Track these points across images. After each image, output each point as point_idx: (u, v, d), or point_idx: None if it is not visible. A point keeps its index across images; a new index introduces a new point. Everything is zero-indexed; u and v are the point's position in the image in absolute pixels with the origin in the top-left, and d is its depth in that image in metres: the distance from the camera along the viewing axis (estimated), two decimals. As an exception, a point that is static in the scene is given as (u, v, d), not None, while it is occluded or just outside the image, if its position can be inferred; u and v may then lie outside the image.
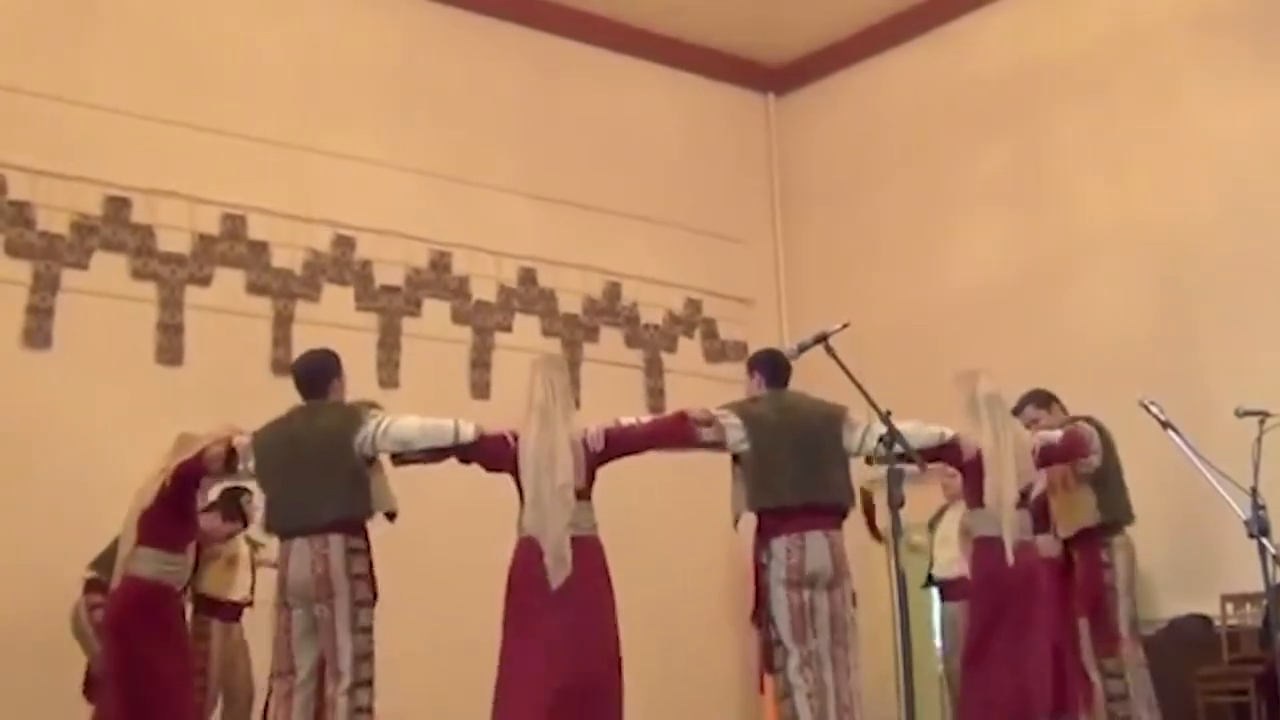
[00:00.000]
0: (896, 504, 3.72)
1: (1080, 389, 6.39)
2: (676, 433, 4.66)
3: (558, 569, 4.33)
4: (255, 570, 6.11)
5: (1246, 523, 4.20)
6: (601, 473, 4.61)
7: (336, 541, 4.43)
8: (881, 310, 8.23)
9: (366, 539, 4.55)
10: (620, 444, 4.57)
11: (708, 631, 7.92)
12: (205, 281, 6.97)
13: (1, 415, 6.16)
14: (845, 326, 3.98)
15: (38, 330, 6.43)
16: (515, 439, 4.50)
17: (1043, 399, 5.67)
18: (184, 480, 4.80)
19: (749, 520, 4.69)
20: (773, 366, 4.79)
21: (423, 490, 4.96)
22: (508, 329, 7.96)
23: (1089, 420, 5.46)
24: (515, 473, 4.49)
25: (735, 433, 4.62)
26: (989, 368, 5.27)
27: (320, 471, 4.46)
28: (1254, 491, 4.29)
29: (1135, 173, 7.49)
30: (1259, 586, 4.31)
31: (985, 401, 5.00)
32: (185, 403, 6.27)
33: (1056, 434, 5.32)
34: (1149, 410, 4.51)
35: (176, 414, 5.39)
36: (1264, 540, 4.19)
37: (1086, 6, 7.89)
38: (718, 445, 4.66)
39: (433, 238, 7.74)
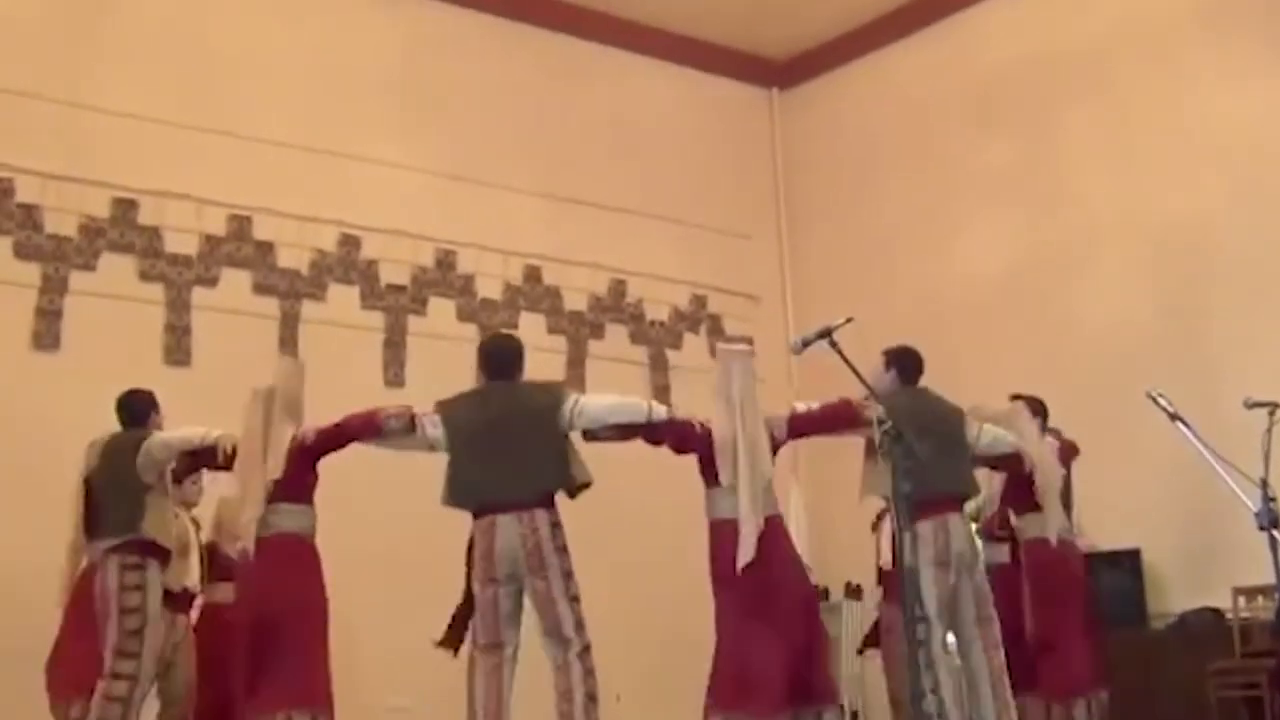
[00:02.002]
0: (904, 497, 3.79)
1: (1088, 382, 6.39)
2: (844, 417, 4.87)
3: (749, 549, 4.55)
4: (203, 554, 5.65)
5: (1256, 515, 4.20)
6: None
7: (542, 516, 4.59)
8: (887, 305, 8.19)
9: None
10: (799, 429, 4.89)
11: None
12: (212, 282, 6.99)
13: (11, 417, 6.18)
14: (849, 321, 3.99)
15: (46, 332, 6.45)
16: (703, 426, 4.70)
17: (1036, 408, 5.80)
18: (344, 433, 4.81)
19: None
20: (908, 363, 5.08)
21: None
22: (514, 326, 7.95)
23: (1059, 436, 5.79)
24: (704, 456, 4.68)
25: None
26: (997, 361, 5.34)
27: (528, 446, 4.61)
28: (1264, 483, 4.29)
29: (1142, 165, 7.46)
30: (1270, 579, 4.29)
31: (1030, 420, 5.44)
32: (193, 404, 6.22)
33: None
34: (1157, 403, 4.51)
35: (184, 415, 5.37)
36: (1274, 532, 4.18)
37: (1093, -2, 7.87)
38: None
39: (438, 236, 7.75)
